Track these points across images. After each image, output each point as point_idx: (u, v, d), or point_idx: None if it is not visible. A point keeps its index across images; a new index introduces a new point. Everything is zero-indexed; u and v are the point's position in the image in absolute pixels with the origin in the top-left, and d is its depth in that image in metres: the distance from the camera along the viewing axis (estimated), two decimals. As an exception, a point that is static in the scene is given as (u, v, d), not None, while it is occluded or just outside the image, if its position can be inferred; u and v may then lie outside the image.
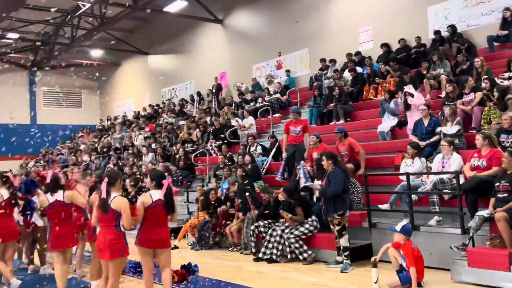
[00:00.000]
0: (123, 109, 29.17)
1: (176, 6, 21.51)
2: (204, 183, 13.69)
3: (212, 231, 10.45)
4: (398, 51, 14.36)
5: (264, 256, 8.66)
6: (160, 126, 20.30)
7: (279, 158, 12.43)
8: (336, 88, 13.19)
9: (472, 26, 13.39)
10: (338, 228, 7.53)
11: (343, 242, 7.55)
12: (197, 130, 17.03)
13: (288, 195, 8.72)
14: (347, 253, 7.56)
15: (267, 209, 9.53)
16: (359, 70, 14.42)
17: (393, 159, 9.53)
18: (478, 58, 10.64)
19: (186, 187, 13.66)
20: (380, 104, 11.25)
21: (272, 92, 16.83)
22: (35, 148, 25.39)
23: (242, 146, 13.66)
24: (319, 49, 17.39)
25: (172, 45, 25.28)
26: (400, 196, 8.08)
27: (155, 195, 5.73)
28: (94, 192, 6.73)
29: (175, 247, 10.67)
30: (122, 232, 5.52)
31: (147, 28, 26.82)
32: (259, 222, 9.35)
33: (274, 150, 12.53)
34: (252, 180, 10.90)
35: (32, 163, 23.49)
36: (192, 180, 14.54)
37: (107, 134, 24.13)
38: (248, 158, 11.62)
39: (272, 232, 8.79)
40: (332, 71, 15.22)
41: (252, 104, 17.15)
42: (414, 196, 7.82)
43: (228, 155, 13.48)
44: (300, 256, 8.39)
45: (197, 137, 16.84)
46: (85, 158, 20.66)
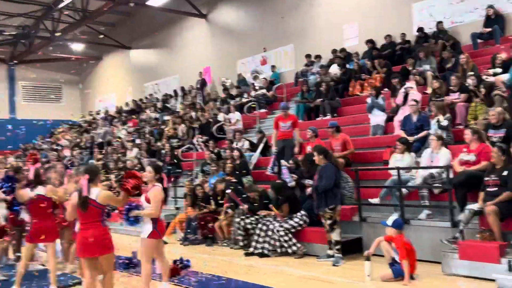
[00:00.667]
0: (105, 104, 28.86)
1: (159, 0, 21.27)
2: (191, 178, 13.64)
3: (200, 226, 10.43)
4: (383, 48, 14.49)
5: (255, 250, 8.69)
6: (144, 122, 20.15)
7: (267, 153, 12.49)
8: (324, 84, 13.27)
9: (457, 23, 13.59)
10: (329, 222, 7.59)
11: (335, 236, 7.62)
12: (182, 125, 16.96)
13: (276, 192, 8.76)
14: (338, 247, 7.64)
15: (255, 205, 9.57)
16: (346, 66, 14.52)
17: (381, 154, 9.64)
18: (463, 54, 10.80)
19: (173, 183, 13.59)
20: (369, 100, 11.33)
21: (258, 88, 16.83)
22: (15, 144, 25.00)
23: (228, 141, 13.65)
24: (304, 45, 17.44)
25: (155, 39, 25.04)
26: (390, 191, 8.18)
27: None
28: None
29: (164, 243, 10.63)
30: (107, 227, 5.56)
31: (129, 22, 26.52)
32: (246, 217, 9.37)
33: (262, 145, 12.55)
34: (241, 175, 10.92)
35: (12, 159, 23.06)
36: (179, 175, 14.49)
37: (90, 129, 23.84)
38: (237, 153, 11.61)
39: (262, 227, 8.82)
40: (318, 67, 15.30)
41: (238, 99, 17.13)
42: (404, 190, 7.92)
43: (215, 150, 13.47)
44: (289, 250, 8.42)
45: (182, 132, 16.77)
46: (66, 153, 20.39)
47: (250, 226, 9.21)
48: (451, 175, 7.34)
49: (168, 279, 6.33)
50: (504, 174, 6.53)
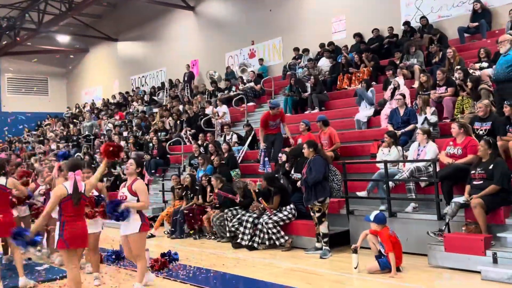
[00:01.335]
0: (91, 96, 28.62)
1: (146, -8, 21.14)
2: (179, 172, 13.61)
3: (187, 219, 10.40)
4: (371, 41, 14.53)
5: (242, 242, 8.72)
6: (131, 114, 20.02)
7: (255, 147, 12.49)
8: (312, 77, 13.28)
9: (444, 17, 13.67)
10: (318, 215, 7.62)
11: (323, 228, 7.66)
12: (170, 118, 16.88)
13: (268, 183, 8.77)
14: (326, 239, 7.68)
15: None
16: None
17: (368, 148, 9.69)
18: (450, 48, 10.86)
19: (161, 176, 13.56)
20: (359, 94, 11.37)
21: (245, 81, 16.80)
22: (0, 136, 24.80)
23: (211, 134, 13.61)
24: (292, 38, 17.43)
25: (142, 31, 24.86)
26: (377, 184, 8.22)
27: None
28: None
29: (152, 236, 10.64)
30: None
31: (116, 14, 26.28)
32: (228, 211, 9.39)
33: (250, 138, 12.55)
34: (229, 168, 10.90)
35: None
36: (166, 169, 14.44)
37: (76, 121, 23.63)
38: (225, 147, 11.59)
39: (248, 219, 8.83)
40: (306, 60, 15.30)
41: (225, 92, 17.09)
42: (391, 184, 7.96)
43: (204, 144, 13.42)
44: (277, 242, 8.44)
45: (170, 125, 16.69)
46: (53, 146, 20.21)
47: (236, 219, 9.21)
48: (438, 169, 7.40)
49: (142, 280, 6.07)
50: (490, 167, 6.59)
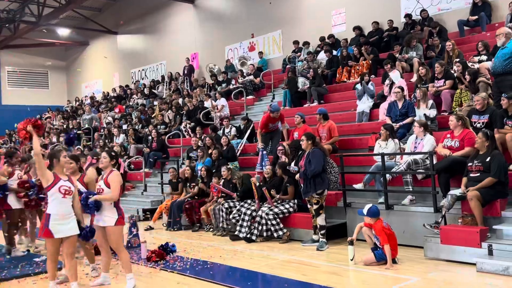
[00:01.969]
0: (91, 89, 28.62)
1: (146, -15, 21.11)
2: (177, 164, 13.62)
3: (186, 212, 10.42)
4: (371, 34, 14.50)
5: (240, 234, 8.75)
6: (130, 108, 20.01)
7: (254, 140, 12.49)
8: (311, 70, 13.27)
9: (443, 10, 13.65)
10: (316, 207, 7.64)
11: (320, 221, 7.68)
12: (169, 111, 16.88)
13: (283, 171, 8.77)
14: (323, 231, 7.70)
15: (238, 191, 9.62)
16: (333, 52, 14.50)
17: (366, 141, 9.70)
18: (449, 41, 10.84)
19: (160, 169, 13.58)
20: (361, 86, 11.35)
21: (245, 74, 16.79)
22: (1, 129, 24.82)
23: (210, 128, 13.60)
24: (292, 31, 17.42)
25: (142, 25, 24.83)
26: (373, 176, 8.23)
27: None
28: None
29: (150, 228, 10.67)
30: None
31: (116, 7, 26.25)
32: (225, 202, 9.42)
33: (249, 131, 12.55)
34: (228, 161, 10.92)
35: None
36: (165, 161, 14.45)
37: (76, 115, 23.63)
38: (224, 140, 11.61)
39: (246, 211, 8.85)
40: (305, 54, 15.28)
41: (224, 85, 17.08)
42: (388, 176, 7.98)
43: (202, 136, 13.42)
44: (275, 234, 8.45)
45: (169, 118, 16.70)
46: (53, 139, 20.22)
47: (234, 209, 9.24)
48: (435, 161, 7.40)
49: (130, 269, 6.06)
50: (487, 159, 6.59)
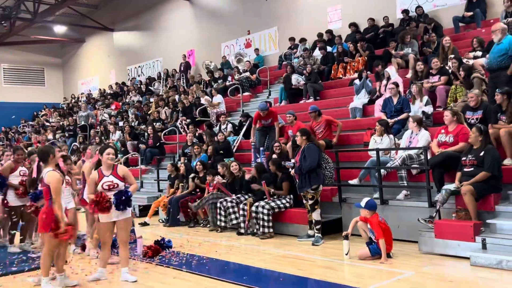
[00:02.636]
0: (87, 86, 28.57)
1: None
2: (174, 161, 13.64)
3: (182, 208, 10.44)
4: (366, 31, 14.52)
5: (240, 229, 8.84)
6: (127, 104, 20.00)
7: (250, 137, 12.49)
8: (308, 67, 13.29)
9: (439, 7, 13.68)
10: (311, 202, 7.68)
11: (315, 216, 7.72)
12: (165, 108, 16.88)
13: (276, 168, 8.80)
14: (318, 226, 7.74)
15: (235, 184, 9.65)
16: (329, 49, 14.53)
17: (361, 136, 9.73)
18: (446, 37, 10.87)
19: (156, 165, 13.60)
20: (357, 82, 11.38)
21: (241, 71, 16.80)
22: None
23: (206, 125, 13.61)
24: (288, 28, 17.42)
25: (138, 21, 24.79)
26: (368, 172, 8.27)
27: None
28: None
29: (146, 224, 10.70)
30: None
31: (112, 4, 26.19)
32: (222, 199, 9.43)
33: (245, 128, 12.57)
34: (224, 157, 10.95)
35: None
36: (162, 158, 14.47)
37: (72, 112, 23.62)
38: (221, 136, 11.64)
39: (243, 206, 8.88)
40: (301, 50, 15.29)
41: (221, 82, 17.09)
42: (383, 171, 8.01)
43: (197, 133, 13.45)
44: (261, 229, 8.42)
45: (165, 115, 16.70)
46: (50, 136, 20.22)
47: (229, 203, 9.27)
48: (429, 156, 7.44)
49: (105, 266, 6.30)
50: (481, 154, 6.63)
